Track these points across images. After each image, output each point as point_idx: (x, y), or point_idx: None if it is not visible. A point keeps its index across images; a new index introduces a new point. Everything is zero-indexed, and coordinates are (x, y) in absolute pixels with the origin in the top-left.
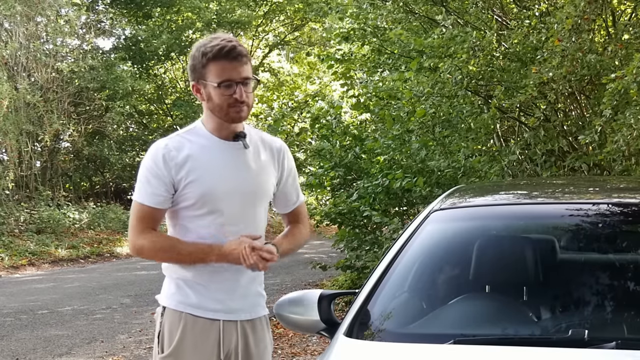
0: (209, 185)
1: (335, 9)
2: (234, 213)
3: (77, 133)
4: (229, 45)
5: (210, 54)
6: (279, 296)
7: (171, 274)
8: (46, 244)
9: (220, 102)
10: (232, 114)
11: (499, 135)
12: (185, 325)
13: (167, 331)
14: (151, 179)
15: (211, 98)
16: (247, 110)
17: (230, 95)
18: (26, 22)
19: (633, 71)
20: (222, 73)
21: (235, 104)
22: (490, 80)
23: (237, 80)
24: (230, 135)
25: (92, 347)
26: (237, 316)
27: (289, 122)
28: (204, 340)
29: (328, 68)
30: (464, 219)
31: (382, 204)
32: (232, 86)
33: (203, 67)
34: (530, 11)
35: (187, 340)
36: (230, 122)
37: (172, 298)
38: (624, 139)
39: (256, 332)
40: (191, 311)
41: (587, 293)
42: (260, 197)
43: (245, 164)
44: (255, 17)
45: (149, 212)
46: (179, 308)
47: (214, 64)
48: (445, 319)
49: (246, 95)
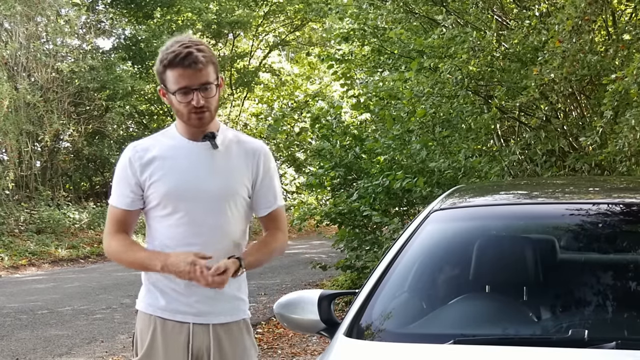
0: (172, 184)
1: (335, 9)
2: (198, 213)
3: (77, 133)
4: (184, 51)
5: (165, 61)
6: (279, 296)
7: (144, 276)
8: (46, 244)
9: (180, 109)
10: (193, 120)
11: (499, 135)
12: (155, 328)
13: (139, 334)
14: (119, 181)
15: (173, 104)
16: (208, 115)
17: (188, 102)
18: (26, 22)
19: (633, 72)
20: (179, 80)
21: (195, 111)
22: (491, 81)
23: (194, 87)
24: (199, 136)
25: (92, 347)
26: (207, 319)
27: (289, 122)
28: (174, 342)
29: (328, 68)
30: (464, 219)
31: (382, 204)
32: (189, 93)
33: (162, 73)
34: (530, 11)
35: (157, 342)
36: (193, 127)
37: (143, 301)
38: (626, 140)
39: (232, 335)
40: (160, 314)
41: (587, 293)
42: (227, 198)
43: (213, 164)
44: (255, 17)
45: (118, 214)
46: (148, 311)
47: (170, 71)
48: (445, 319)
49: (205, 101)
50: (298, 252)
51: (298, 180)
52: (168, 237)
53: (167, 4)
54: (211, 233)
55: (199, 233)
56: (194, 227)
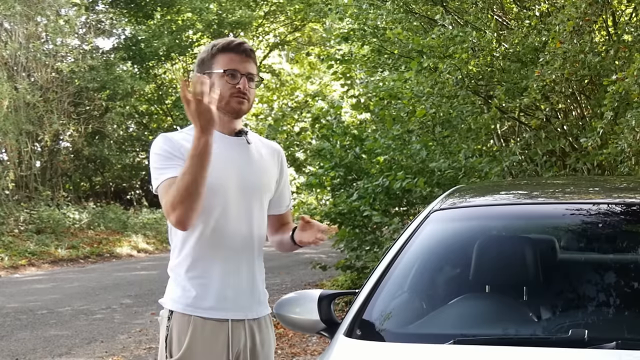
0: (215, 176)
1: (335, 10)
2: (234, 206)
3: (77, 133)
4: (237, 40)
5: (219, 45)
6: (279, 296)
7: (176, 270)
8: (46, 244)
9: (224, 91)
10: (233, 104)
11: (499, 135)
12: (195, 328)
13: (175, 335)
14: (168, 156)
15: (214, 88)
16: (247, 104)
17: (234, 85)
18: (26, 22)
19: (634, 73)
20: (229, 63)
21: (238, 94)
22: (491, 81)
23: (242, 72)
24: (232, 132)
25: (92, 347)
26: (245, 314)
27: (289, 122)
28: (213, 342)
29: (328, 68)
30: (464, 219)
31: (382, 204)
32: (236, 76)
33: (212, 57)
34: (530, 11)
35: (196, 343)
36: (231, 112)
37: (179, 301)
38: (627, 141)
39: (262, 331)
40: (200, 314)
41: (587, 293)
42: (262, 192)
43: (249, 158)
44: (255, 17)
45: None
46: (187, 311)
47: (222, 55)
48: (445, 319)
49: (248, 89)
50: (298, 252)
51: (298, 180)
52: (203, 222)
53: (167, 4)
54: (243, 225)
55: (229, 225)
56: (225, 220)
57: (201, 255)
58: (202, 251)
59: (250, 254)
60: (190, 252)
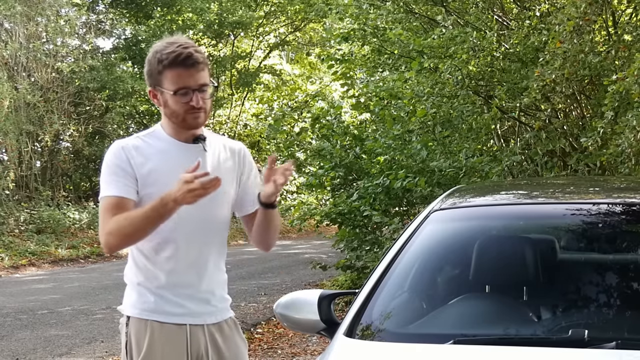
0: (168, 186)
1: (335, 10)
2: (191, 213)
3: (77, 133)
4: (185, 52)
5: (166, 61)
6: (279, 296)
7: (132, 278)
8: (46, 244)
9: (177, 109)
10: (190, 120)
11: (499, 135)
12: (152, 333)
13: (134, 341)
14: (117, 172)
15: (168, 105)
16: (204, 116)
17: (187, 102)
18: (26, 22)
19: (634, 73)
20: (179, 80)
21: (192, 111)
22: (491, 81)
23: (194, 87)
24: (190, 139)
25: (92, 347)
26: (203, 320)
27: (289, 122)
28: (172, 346)
29: (328, 68)
30: (464, 219)
31: (383, 204)
32: (188, 93)
33: (159, 73)
34: (530, 11)
35: (155, 347)
36: (188, 128)
37: (135, 306)
38: (627, 141)
39: (224, 334)
40: (157, 318)
41: (587, 293)
42: (219, 201)
43: (205, 166)
44: (256, 17)
45: (117, 202)
46: (143, 316)
47: (170, 71)
48: (445, 319)
49: (203, 102)
50: (298, 252)
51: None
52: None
53: (168, 4)
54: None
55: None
56: (183, 227)
57: (157, 264)
58: (158, 260)
59: (207, 263)
60: (145, 261)
